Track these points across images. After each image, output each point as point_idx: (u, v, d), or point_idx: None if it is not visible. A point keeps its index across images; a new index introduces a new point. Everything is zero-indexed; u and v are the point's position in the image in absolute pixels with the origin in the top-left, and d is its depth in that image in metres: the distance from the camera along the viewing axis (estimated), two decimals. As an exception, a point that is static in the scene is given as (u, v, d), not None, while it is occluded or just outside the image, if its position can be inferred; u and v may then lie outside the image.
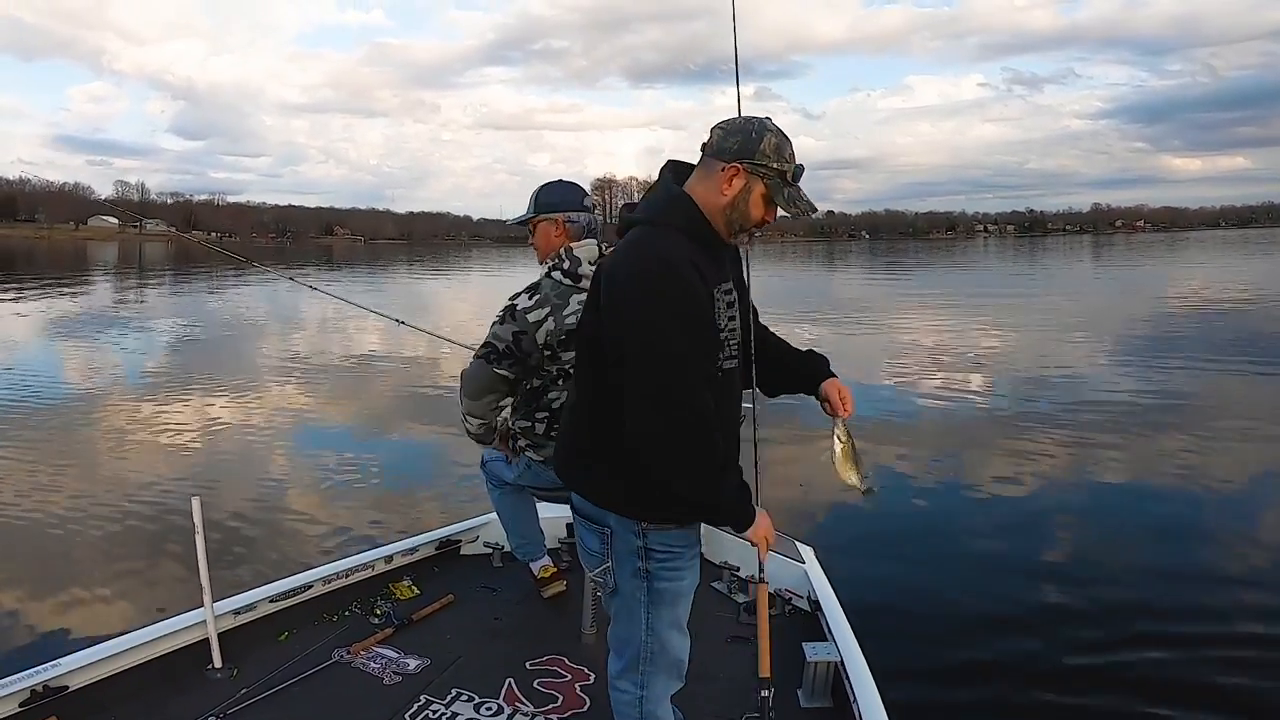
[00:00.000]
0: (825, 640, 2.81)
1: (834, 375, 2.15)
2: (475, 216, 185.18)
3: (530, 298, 2.75)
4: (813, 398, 2.17)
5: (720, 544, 3.52)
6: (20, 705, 2.40)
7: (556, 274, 2.76)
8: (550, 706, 2.65)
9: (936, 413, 9.29)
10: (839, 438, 2.09)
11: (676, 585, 1.96)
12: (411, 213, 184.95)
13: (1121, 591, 4.64)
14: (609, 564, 1.94)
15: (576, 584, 3.31)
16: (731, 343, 1.93)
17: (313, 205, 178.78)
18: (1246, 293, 23.59)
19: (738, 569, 3.45)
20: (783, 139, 1.86)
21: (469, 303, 23.58)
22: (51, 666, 2.49)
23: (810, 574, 3.31)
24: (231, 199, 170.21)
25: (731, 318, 1.92)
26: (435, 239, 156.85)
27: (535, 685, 2.76)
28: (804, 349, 2.22)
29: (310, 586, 3.15)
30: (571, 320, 2.67)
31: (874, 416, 8.77)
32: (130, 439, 8.12)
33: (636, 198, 2.11)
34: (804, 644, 2.72)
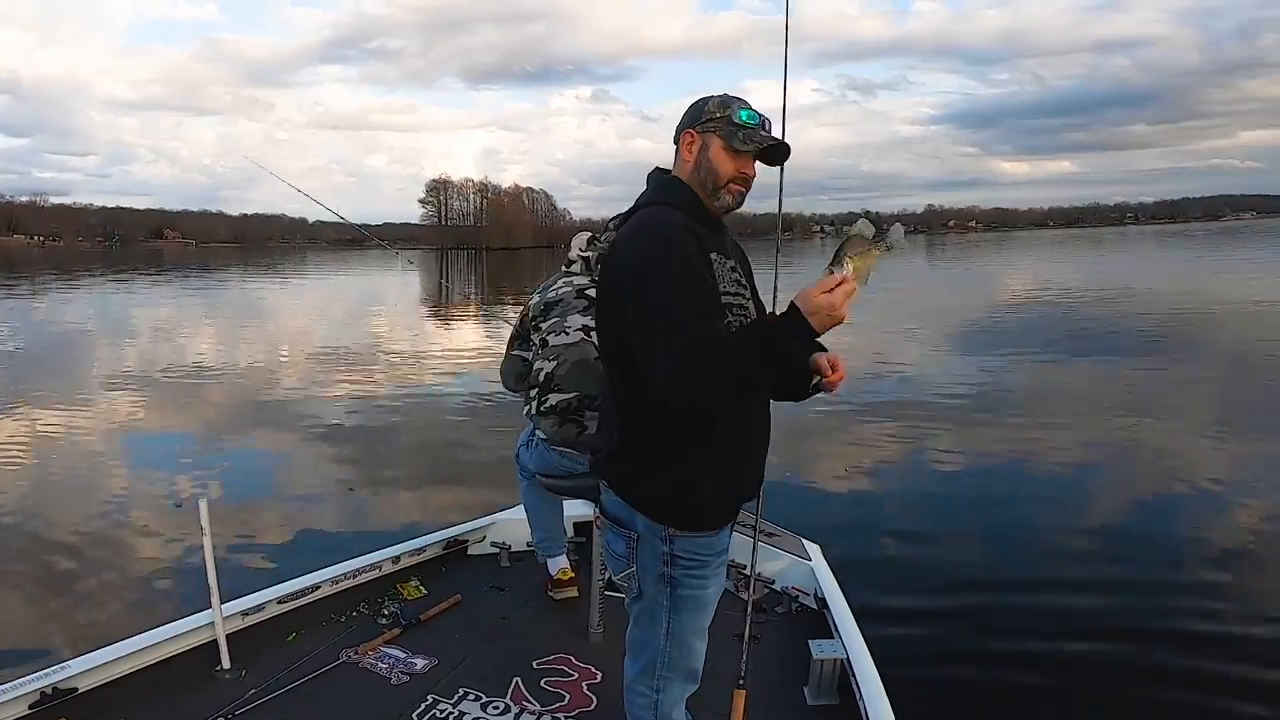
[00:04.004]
0: (831, 638, 2.82)
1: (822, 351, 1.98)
2: (311, 219, 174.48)
3: (538, 287, 3.23)
4: (802, 401, 2.09)
5: (734, 542, 3.52)
6: (30, 707, 2.40)
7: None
8: (557, 705, 2.65)
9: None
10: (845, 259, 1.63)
11: (701, 593, 1.94)
12: (245, 214, 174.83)
13: (1130, 572, 4.70)
14: (633, 568, 1.93)
15: (584, 582, 3.33)
16: (740, 316, 1.90)
17: (142, 207, 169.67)
18: (1068, 290, 24.52)
19: (744, 567, 3.47)
20: (728, 98, 1.92)
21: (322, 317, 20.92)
22: (60, 669, 2.49)
23: (817, 571, 3.33)
24: (56, 200, 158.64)
25: (738, 293, 1.92)
26: (270, 242, 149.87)
27: (542, 684, 2.77)
28: None
29: (318, 587, 3.16)
30: (552, 295, 3.13)
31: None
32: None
33: (473, 199, 2.10)
34: (810, 641, 2.73)
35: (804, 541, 3.60)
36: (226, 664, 2.76)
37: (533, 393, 3.10)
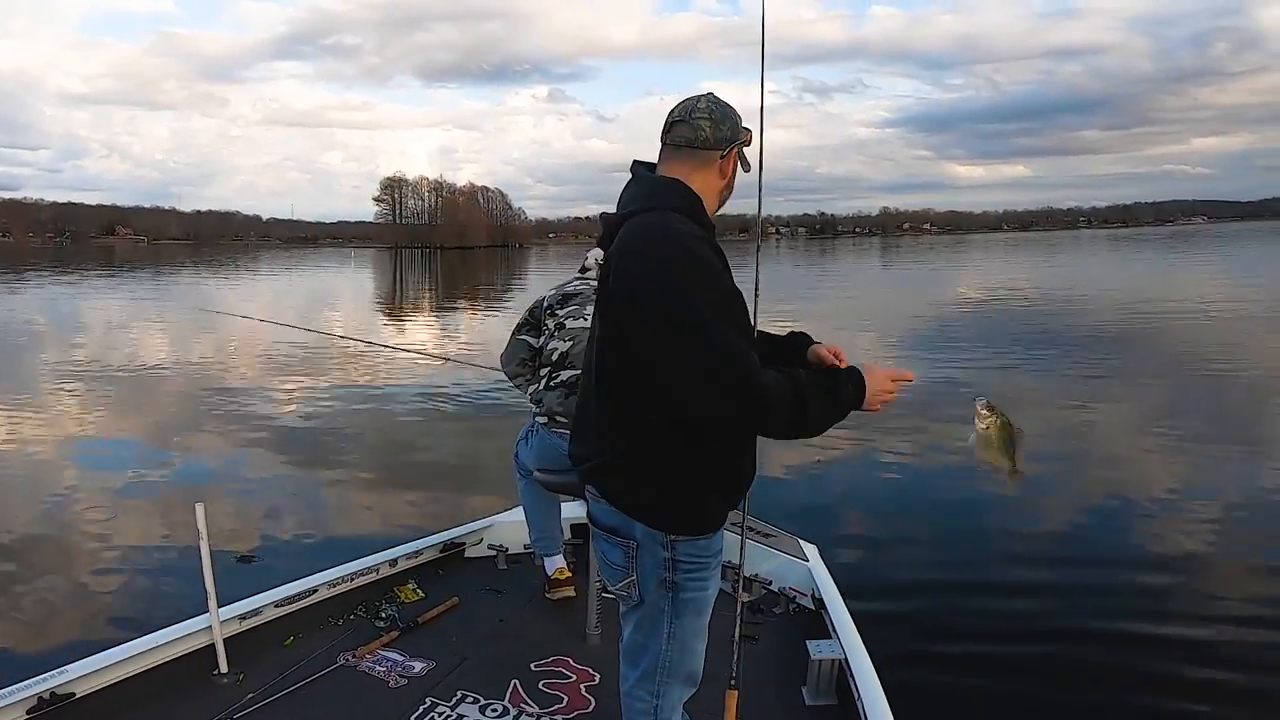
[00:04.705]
0: (829, 638, 2.83)
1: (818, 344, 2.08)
2: (265, 216, 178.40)
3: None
4: None
5: (727, 543, 3.55)
6: (28, 712, 2.39)
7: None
8: (555, 707, 2.66)
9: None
10: (982, 419, 1.91)
11: (702, 595, 1.93)
12: (199, 211, 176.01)
13: (1122, 567, 4.80)
14: (633, 577, 1.89)
15: (581, 583, 3.34)
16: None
17: (94, 203, 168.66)
18: (1022, 292, 25.18)
19: (740, 567, 3.49)
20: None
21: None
22: (58, 674, 2.48)
23: (814, 572, 3.33)
24: (7, 195, 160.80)
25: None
26: (223, 240, 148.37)
27: (540, 686, 2.77)
28: (785, 333, 2.13)
29: (315, 590, 3.15)
30: (570, 289, 3.35)
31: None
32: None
33: (428, 197, 2.08)
34: (808, 642, 2.74)
35: (800, 542, 3.62)
36: (224, 668, 2.75)
37: (543, 371, 3.27)
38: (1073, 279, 30.05)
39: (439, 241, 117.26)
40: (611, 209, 1.94)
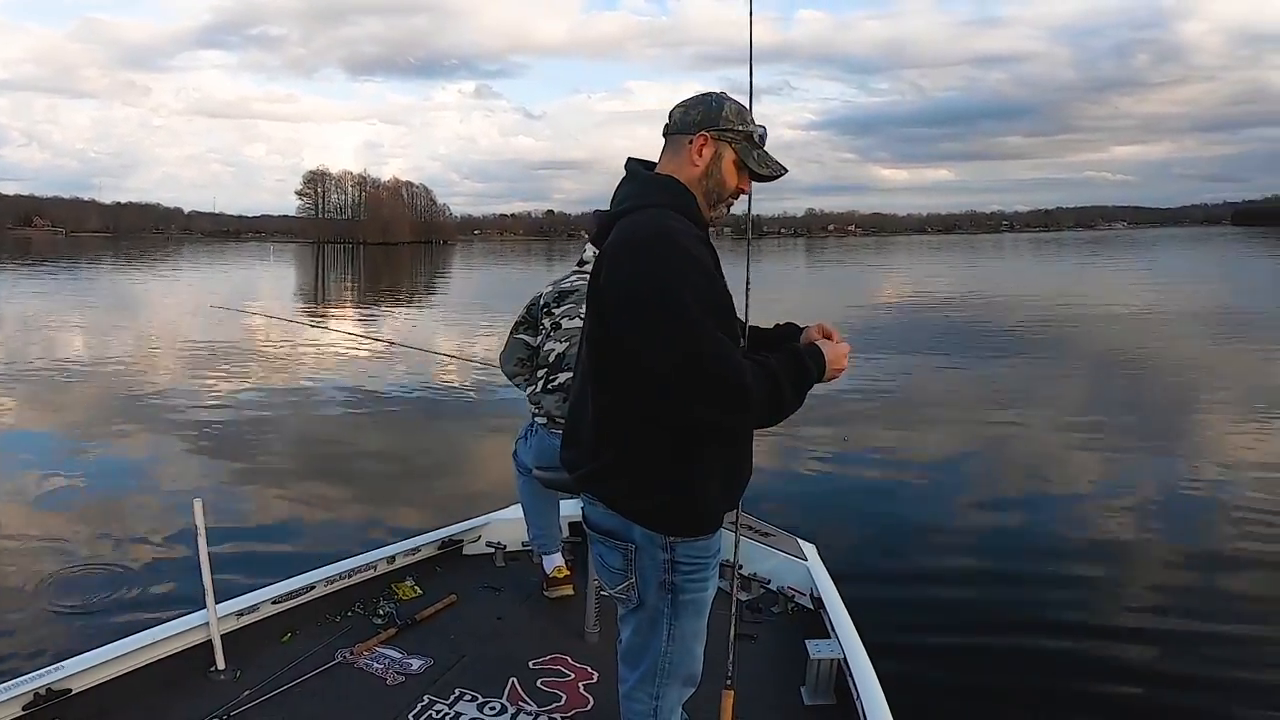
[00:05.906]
0: (828, 638, 2.84)
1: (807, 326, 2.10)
2: (187, 209, 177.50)
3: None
4: None
5: (724, 542, 3.59)
6: (24, 709, 2.37)
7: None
8: (554, 705, 2.66)
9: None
10: None
11: (702, 595, 1.92)
12: (119, 203, 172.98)
13: (1121, 569, 4.84)
14: (633, 580, 1.88)
15: (579, 582, 3.34)
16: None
17: (12, 193, 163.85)
18: (945, 293, 25.78)
19: (740, 567, 3.53)
20: (742, 106, 1.90)
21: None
22: (55, 670, 2.46)
23: (813, 571, 3.33)
24: None
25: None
26: (144, 233, 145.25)
27: (539, 684, 2.77)
28: (774, 325, 2.13)
29: (313, 587, 3.13)
30: (567, 285, 3.32)
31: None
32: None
33: (351, 192, 2.02)
34: (807, 641, 2.74)
35: (799, 541, 3.63)
36: (221, 665, 2.73)
37: (540, 373, 3.24)
38: (995, 281, 30.78)
39: (362, 236, 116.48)
40: (539, 206, 1.97)
